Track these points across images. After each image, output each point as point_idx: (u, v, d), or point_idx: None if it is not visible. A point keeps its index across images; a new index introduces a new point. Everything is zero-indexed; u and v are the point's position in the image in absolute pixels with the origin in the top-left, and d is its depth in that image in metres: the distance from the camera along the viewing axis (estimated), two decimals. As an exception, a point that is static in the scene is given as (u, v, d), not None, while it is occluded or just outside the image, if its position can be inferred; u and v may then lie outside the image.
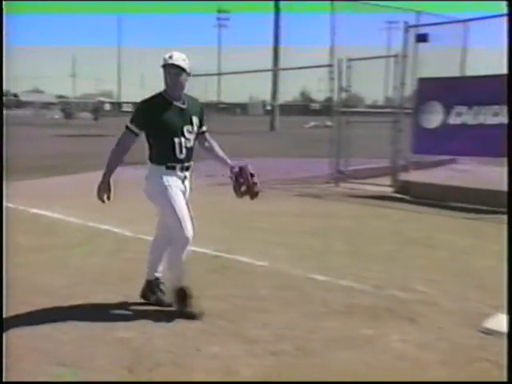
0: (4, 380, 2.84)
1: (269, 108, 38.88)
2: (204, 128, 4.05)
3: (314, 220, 7.39)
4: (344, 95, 10.52)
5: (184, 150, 3.79)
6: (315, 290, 4.49)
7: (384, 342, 3.52)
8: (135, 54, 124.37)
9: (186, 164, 3.85)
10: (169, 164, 3.77)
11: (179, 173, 3.82)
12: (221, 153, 4.11)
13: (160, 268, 4.10)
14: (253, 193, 3.93)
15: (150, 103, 3.83)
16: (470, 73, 10.58)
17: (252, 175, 3.92)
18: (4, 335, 3.18)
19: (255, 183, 3.92)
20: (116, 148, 3.77)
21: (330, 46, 10.26)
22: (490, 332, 3.63)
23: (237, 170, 3.92)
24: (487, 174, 10.02)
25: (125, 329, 3.66)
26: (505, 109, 8.05)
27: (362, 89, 12.26)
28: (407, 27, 9.13)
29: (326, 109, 12.10)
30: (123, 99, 71.93)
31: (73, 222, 6.94)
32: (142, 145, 3.86)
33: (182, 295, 3.87)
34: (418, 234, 6.62)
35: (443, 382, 2.74)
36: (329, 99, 10.96)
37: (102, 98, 65.71)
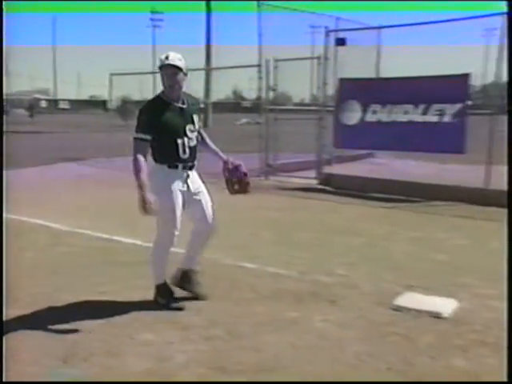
0: (4, 380, 2.78)
1: (202, 106, 38.64)
2: (199, 124, 3.94)
3: (243, 212, 7.44)
4: (272, 94, 10.64)
5: (187, 150, 3.68)
6: (245, 277, 4.54)
7: (308, 323, 3.63)
8: (71, 53, 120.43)
9: (190, 164, 3.76)
10: (171, 164, 3.68)
11: (181, 171, 3.71)
12: (213, 146, 4.07)
13: (196, 260, 4.07)
14: (245, 191, 4.04)
15: (149, 108, 3.71)
16: (384, 74, 10.96)
17: (245, 174, 3.96)
18: None
19: (248, 183, 3.99)
20: (134, 162, 3.57)
21: (257, 47, 10.31)
22: (399, 309, 3.81)
23: (231, 167, 3.95)
24: (402, 167, 10.45)
25: (61, 322, 3.58)
26: (413, 107, 8.47)
27: (289, 88, 12.43)
28: (327, 32, 9.35)
29: (257, 106, 12.16)
30: (60, 97, 69.41)
31: (6, 217, 6.65)
32: (81, 142, 3.76)
33: (164, 289, 3.89)
34: (339, 223, 6.81)
35: (443, 382, 2.84)
36: (259, 97, 11.05)
37: (37, 95, 62.97)
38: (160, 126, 3.60)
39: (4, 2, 3.90)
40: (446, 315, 3.69)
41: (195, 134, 3.77)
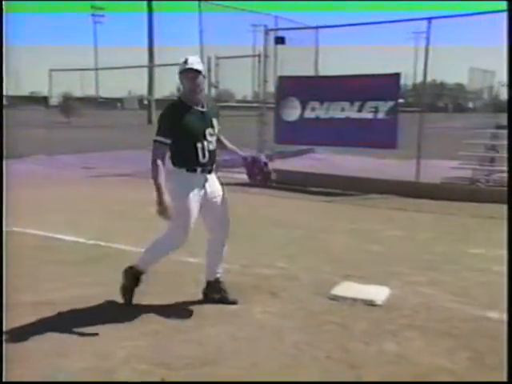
0: (4, 380, 2.70)
1: (146, 102, 37.98)
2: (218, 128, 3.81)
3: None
4: (214, 91, 10.60)
5: (207, 154, 3.58)
6: (188, 272, 4.51)
7: (248, 315, 3.65)
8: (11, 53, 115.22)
9: (209, 167, 3.65)
10: (190, 168, 3.58)
11: (200, 175, 3.61)
12: (230, 145, 3.97)
13: (219, 269, 3.94)
14: (268, 179, 4.04)
15: (170, 111, 3.62)
16: (323, 73, 11.15)
17: (265, 164, 3.91)
18: None
19: (269, 171, 3.96)
20: (153, 165, 3.49)
21: (199, 45, 10.23)
22: (336, 298, 3.91)
23: (249, 160, 3.90)
24: (341, 162, 10.69)
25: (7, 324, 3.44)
26: (349, 105, 8.66)
27: (232, 85, 12.44)
28: (267, 30, 9.40)
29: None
30: (-4, 93, 66.31)
31: None
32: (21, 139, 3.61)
33: (134, 277, 3.80)
34: (280, 217, 6.89)
35: (443, 383, 2.83)
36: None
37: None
38: (180, 130, 3.52)
39: (4, 2, 3.79)
40: (379, 302, 3.81)
41: (215, 137, 3.67)
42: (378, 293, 3.97)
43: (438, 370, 2.91)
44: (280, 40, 9.47)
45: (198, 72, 3.52)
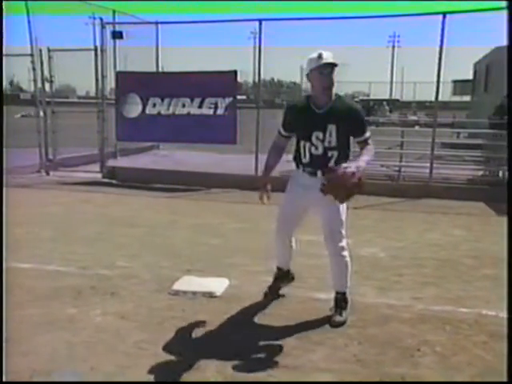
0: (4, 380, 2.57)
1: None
2: (361, 138, 3.39)
3: (19, 208, 6.86)
4: (49, 86, 9.94)
5: (308, 155, 3.41)
6: (20, 279, 4.18)
7: (86, 318, 3.50)
8: None
9: (310, 169, 3.44)
10: (298, 164, 3.52)
11: (303, 173, 3.49)
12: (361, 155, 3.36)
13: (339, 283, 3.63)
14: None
15: (290, 107, 3.59)
16: (167, 69, 11.05)
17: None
18: None
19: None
20: (270, 149, 3.66)
21: (30, 37, 9.49)
22: (177, 293, 3.92)
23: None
24: (184, 158, 10.72)
25: None
26: (190, 101, 8.73)
27: (72, 80, 11.77)
28: (104, 24, 9.05)
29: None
30: None
31: None
32: None
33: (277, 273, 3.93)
34: (123, 215, 6.71)
35: (443, 382, 2.82)
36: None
37: None
38: (293, 126, 3.51)
39: (4, 2, 3.26)
40: (218, 294, 3.91)
41: (324, 144, 3.35)
42: (218, 285, 4.06)
43: (271, 350, 3.08)
44: (118, 34, 9.19)
45: (336, 66, 3.27)
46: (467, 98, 20.57)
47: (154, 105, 8.93)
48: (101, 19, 8.98)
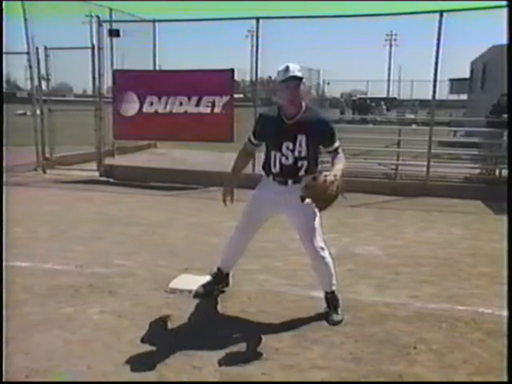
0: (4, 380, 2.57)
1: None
2: (331, 148, 3.42)
3: (17, 207, 6.85)
4: (45, 84, 9.91)
5: (278, 165, 3.45)
6: (17, 278, 4.18)
7: (84, 316, 3.50)
8: None
9: (280, 179, 3.48)
10: (267, 173, 3.55)
11: (273, 181, 3.52)
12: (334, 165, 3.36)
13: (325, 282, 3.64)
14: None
15: (262, 116, 3.63)
16: (164, 67, 11.03)
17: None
18: None
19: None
20: (238, 154, 3.73)
21: (26, 35, 9.47)
22: (174, 291, 3.92)
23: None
24: (181, 156, 10.72)
25: None
26: (187, 99, 8.72)
27: (69, 78, 11.76)
28: (100, 22, 9.03)
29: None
30: None
31: None
32: None
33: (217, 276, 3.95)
34: (121, 213, 6.71)
35: (434, 382, 2.81)
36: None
37: None
38: (263, 136, 3.58)
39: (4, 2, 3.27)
40: (214, 292, 3.91)
41: (294, 153, 3.40)
42: (215, 283, 4.06)
43: (267, 350, 3.08)
44: (115, 32, 9.17)
45: (300, 80, 3.29)
46: (464, 97, 20.61)
47: (151, 103, 8.91)
48: (98, 17, 8.96)
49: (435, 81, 8.12)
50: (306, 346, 3.13)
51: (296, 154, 3.38)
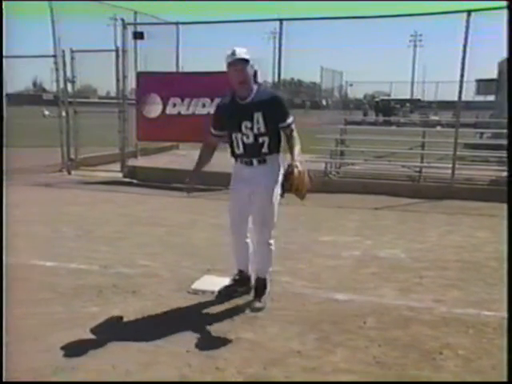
0: (4, 380, 2.60)
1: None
2: (284, 123, 3.54)
3: (44, 207, 6.98)
4: (71, 86, 10.06)
5: (241, 145, 3.58)
6: (43, 277, 4.26)
7: (107, 316, 3.53)
8: None
9: (245, 159, 3.62)
10: (235, 157, 3.69)
11: (241, 165, 3.67)
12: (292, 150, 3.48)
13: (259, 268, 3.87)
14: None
15: (218, 106, 3.76)
16: (187, 69, 11.10)
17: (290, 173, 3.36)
18: None
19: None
20: (201, 148, 3.88)
21: (53, 38, 9.63)
22: (196, 292, 3.94)
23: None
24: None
25: None
26: (210, 101, 8.75)
27: (93, 80, 11.91)
28: (125, 24, 9.13)
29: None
30: None
31: None
32: None
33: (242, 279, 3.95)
34: (144, 214, 6.76)
35: (435, 382, 2.82)
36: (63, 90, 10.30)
37: None
38: (222, 121, 3.67)
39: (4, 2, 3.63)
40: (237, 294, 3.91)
41: (254, 131, 3.52)
42: (237, 284, 4.06)
43: (290, 353, 3.06)
44: (139, 35, 9.26)
45: (246, 62, 3.43)
46: (491, 98, 20.26)
47: (174, 105, 8.98)
48: (122, 20, 9.07)
49: (461, 82, 8.00)
50: (329, 349, 3.11)
51: (255, 131, 3.51)
